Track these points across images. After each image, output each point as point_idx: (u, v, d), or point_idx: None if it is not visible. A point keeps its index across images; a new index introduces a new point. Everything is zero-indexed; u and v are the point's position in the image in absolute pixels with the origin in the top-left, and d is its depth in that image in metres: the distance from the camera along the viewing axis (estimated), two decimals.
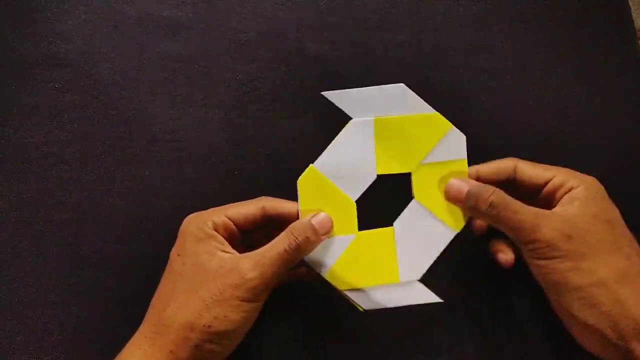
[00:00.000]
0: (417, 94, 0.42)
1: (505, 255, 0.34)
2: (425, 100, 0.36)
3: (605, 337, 0.29)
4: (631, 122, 0.43)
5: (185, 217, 0.33)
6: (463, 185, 0.33)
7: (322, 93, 0.34)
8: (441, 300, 0.34)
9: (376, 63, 0.43)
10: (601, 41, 0.44)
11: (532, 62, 0.43)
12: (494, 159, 0.41)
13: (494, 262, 0.35)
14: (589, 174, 0.34)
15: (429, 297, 0.34)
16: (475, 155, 0.41)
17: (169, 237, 0.34)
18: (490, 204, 0.31)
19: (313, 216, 0.33)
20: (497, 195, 0.31)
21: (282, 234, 0.31)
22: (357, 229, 0.34)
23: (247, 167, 0.40)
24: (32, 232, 0.38)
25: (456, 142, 0.35)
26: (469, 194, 0.32)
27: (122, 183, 0.40)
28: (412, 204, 0.35)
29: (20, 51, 0.41)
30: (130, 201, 0.39)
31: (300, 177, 0.34)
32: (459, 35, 0.44)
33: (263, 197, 0.34)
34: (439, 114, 0.35)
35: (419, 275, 0.34)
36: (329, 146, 0.34)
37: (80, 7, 0.42)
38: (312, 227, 0.32)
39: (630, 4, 0.46)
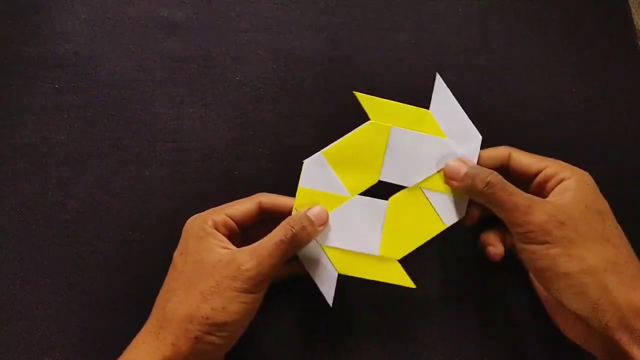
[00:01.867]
0: (417, 94, 0.42)
1: (495, 249, 0.34)
2: (426, 100, 0.36)
3: (590, 327, 0.29)
4: (631, 122, 0.43)
5: (186, 217, 0.34)
6: (461, 165, 0.34)
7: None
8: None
9: (376, 63, 0.43)
10: (601, 41, 0.44)
11: (532, 62, 0.43)
12: None
13: (485, 258, 0.35)
14: (589, 173, 0.34)
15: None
16: None
17: (169, 237, 0.34)
18: (488, 183, 0.32)
19: (309, 209, 0.34)
20: (495, 176, 0.32)
21: (279, 225, 0.32)
22: (355, 194, 0.35)
23: (247, 167, 0.40)
24: (32, 232, 0.38)
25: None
26: (467, 174, 0.33)
27: (122, 183, 0.40)
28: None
29: (20, 51, 0.41)
30: (130, 201, 0.39)
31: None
32: (459, 35, 0.44)
33: (259, 194, 0.35)
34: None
35: (400, 256, 0.35)
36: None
37: (80, 7, 0.42)
38: (309, 219, 0.33)
39: (630, 4, 0.46)
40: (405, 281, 0.35)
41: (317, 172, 0.35)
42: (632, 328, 0.28)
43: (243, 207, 0.34)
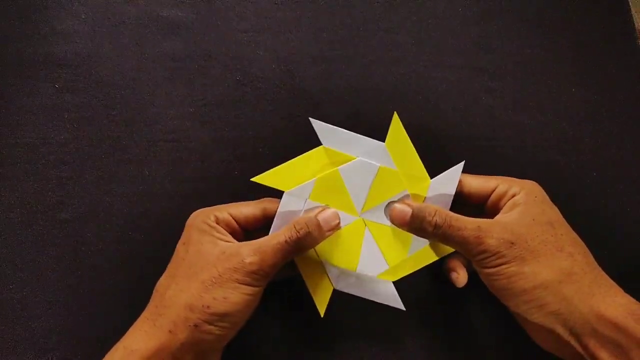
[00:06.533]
0: (417, 94, 0.42)
1: (457, 275, 0.35)
2: (425, 100, 0.36)
3: (558, 336, 0.30)
4: (631, 122, 0.43)
5: (186, 217, 0.34)
6: (405, 208, 0.34)
7: (310, 119, 0.35)
8: (403, 309, 0.35)
9: (376, 63, 0.43)
10: (601, 41, 0.44)
11: (532, 62, 0.43)
12: (495, 158, 0.41)
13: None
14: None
15: (394, 301, 0.35)
16: (476, 155, 0.41)
17: (169, 237, 0.34)
18: (435, 225, 0.32)
19: (320, 212, 0.34)
20: (439, 216, 0.32)
21: (287, 225, 0.32)
22: (359, 214, 0.35)
23: (247, 167, 0.40)
24: (32, 232, 0.38)
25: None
26: (412, 217, 0.33)
27: (122, 183, 0.40)
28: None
29: (20, 51, 0.41)
30: (130, 201, 0.39)
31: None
32: (459, 35, 0.44)
33: (265, 199, 0.35)
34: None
35: (376, 273, 0.35)
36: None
37: (80, 7, 0.42)
38: (316, 223, 0.32)
39: (630, 4, 0.46)
40: (321, 304, 0.35)
41: (360, 172, 0.35)
42: (597, 333, 0.29)
43: (247, 210, 0.34)
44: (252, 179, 0.34)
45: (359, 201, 0.35)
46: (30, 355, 0.37)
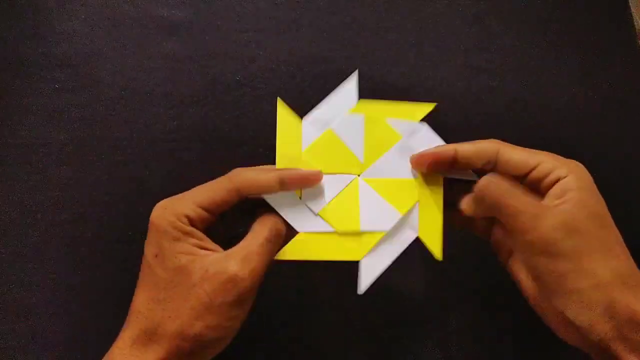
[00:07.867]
0: (417, 93, 0.42)
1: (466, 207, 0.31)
2: (425, 100, 0.36)
3: (586, 337, 0.28)
4: (631, 122, 0.43)
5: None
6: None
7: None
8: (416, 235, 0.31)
9: (376, 63, 0.43)
10: (601, 41, 0.44)
11: (532, 62, 0.43)
12: None
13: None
14: (589, 174, 0.34)
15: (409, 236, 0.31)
16: None
17: None
18: (489, 184, 0.29)
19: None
20: (493, 176, 0.29)
21: (258, 225, 0.30)
22: (359, 172, 0.33)
23: (247, 167, 0.40)
24: (32, 232, 0.38)
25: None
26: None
27: (122, 183, 0.40)
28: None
29: (20, 51, 0.41)
30: (130, 201, 0.39)
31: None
32: (459, 35, 0.44)
33: (234, 174, 0.32)
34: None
35: (386, 228, 0.31)
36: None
37: (80, 7, 0.42)
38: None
39: (630, 4, 0.46)
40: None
41: (350, 124, 0.34)
42: (626, 337, 0.27)
43: (217, 196, 0.30)
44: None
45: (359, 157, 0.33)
46: (31, 355, 0.37)
